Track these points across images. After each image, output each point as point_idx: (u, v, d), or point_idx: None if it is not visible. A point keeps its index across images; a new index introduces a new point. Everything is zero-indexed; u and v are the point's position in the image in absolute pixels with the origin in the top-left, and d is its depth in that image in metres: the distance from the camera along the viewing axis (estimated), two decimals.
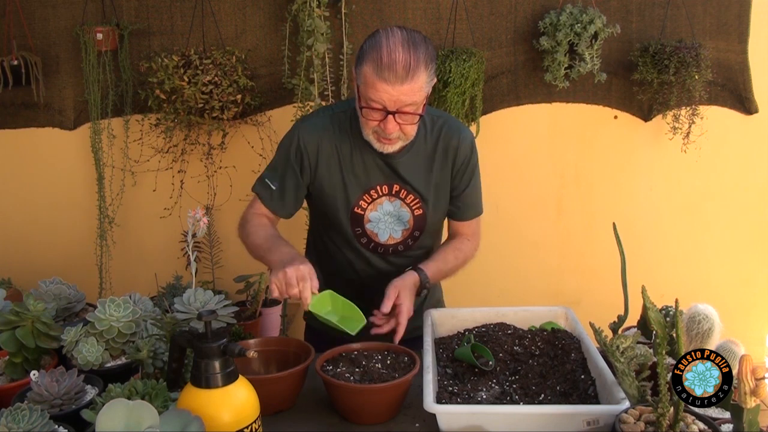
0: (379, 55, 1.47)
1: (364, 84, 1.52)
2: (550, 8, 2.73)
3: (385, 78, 1.47)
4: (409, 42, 1.49)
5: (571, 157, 2.97)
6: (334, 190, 1.70)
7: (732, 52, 2.83)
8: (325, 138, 1.68)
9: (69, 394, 1.35)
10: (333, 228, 1.77)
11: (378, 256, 1.78)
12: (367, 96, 1.52)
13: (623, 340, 1.36)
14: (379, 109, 1.52)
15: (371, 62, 1.49)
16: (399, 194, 1.72)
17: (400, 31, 1.52)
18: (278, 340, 1.62)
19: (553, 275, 3.06)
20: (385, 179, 1.70)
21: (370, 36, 1.55)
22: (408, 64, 1.47)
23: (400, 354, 1.49)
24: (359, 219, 1.73)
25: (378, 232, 1.75)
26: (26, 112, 2.92)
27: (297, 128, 1.71)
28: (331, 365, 1.45)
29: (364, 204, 1.72)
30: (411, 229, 1.76)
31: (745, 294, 3.01)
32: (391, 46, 1.47)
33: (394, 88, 1.48)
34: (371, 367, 1.43)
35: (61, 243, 3.03)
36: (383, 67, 1.47)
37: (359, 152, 1.68)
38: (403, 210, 1.74)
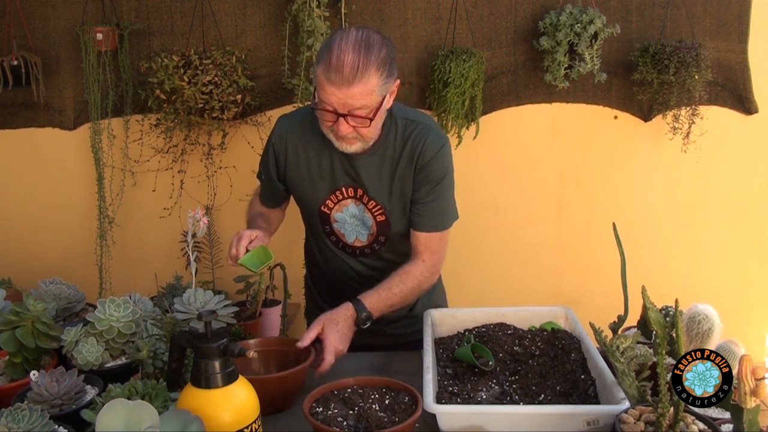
0: (329, 57, 1.45)
1: (317, 85, 1.50)
2: (550, 8, 2.73)
3: (332, 80, 1.45)
4: (361, 43, 1.45)
5: (571, 157, 2.97)
6: (303, 186, 1.73)
7: (732, 52, 2.83)
8: (297, 133, 1.70)
9: (69, 394, 1.35)
10: (307, 222, 1.84)
11: (348, 256, 1.80)
12: (319, 97, 1.51)
13: (623, 340, 1.36)
14: (330, 111, 1.50)
15: (322, 63, 1.46)
16: (362, 199, 1.70)
17: (356, 31, 1.48)
18: (278, 340, 1.62)
19: (553, 275, 3.06)
20: (351, 181, 1.69)
21: (329, 36, 1.54)
22: (356, 66, 1.43)
23: (400, 392, 1.32)
24: (326, 218, 1.75)
25: (345, 233, 1.76)
26: (26, 112, 2.92)
27: (277, 124, 1.76)
28: (321, 406, 1.27)
29: (330, 203, 1.72)
30: (375, 235, 1.74)
31: (745, 294, 3.01)
32: (342, 48, 1.44)
33: (341, 90, 1.45)
34: (367, 409, 1.26)
35: (61, 243, 3.03)
36: (331, 69, 1.44)
37: (328, 151, 1.66)
38: (366, 215, 1.72)
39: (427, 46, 2.81)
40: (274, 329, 2.42)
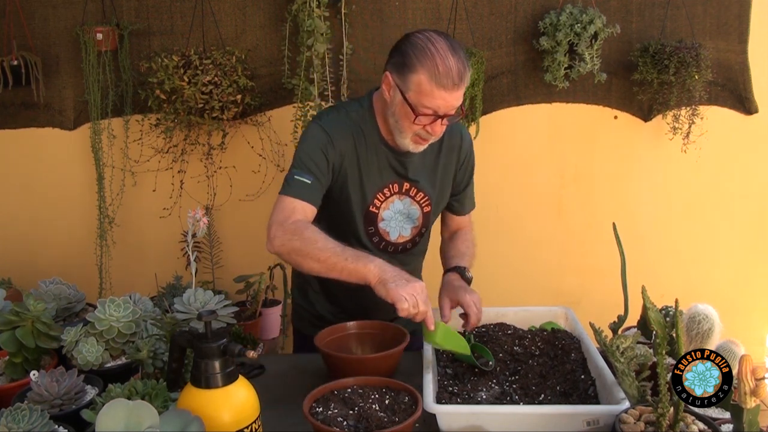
0: (434, 63, 1.51)
1: (418, 92, 1.53)
2: (550, 8, 2.72)
3: (443, 85, 1.51)
4: (454, 46, 1.54)
5: (571, 157, 2.97)
6: (352, 188, 1.71)
7: (732, 52, 2.83)
8: (348, 136, 1.69)
9: (69, 394, 1.35)
10: (344, 225, 1.76)
11: (387, 255, 1.79)
12: (421, 103, 1.54)
13: (623, 340, 1.36)
14: (430, 115, 1.55)
15: (426, 70, 1.51)
16: (409, 192, 1.75)
17: (440, 36, 1.55)
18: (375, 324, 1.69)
19: (553, 275, 3.05)
20: (397, 177, 1.73)
21: (406, 42, 1.56)
22: (460, 69, 1.52)
23: (400, 392, 1.32)
24: (373, 218, 1.74)
25: (389, 231, 1.77)
26: (26, 112, 2.91)
27: (320, 124, 1.68)
28: (321, 406, 1.27)
29: (378, 202, 1.73)
30: (420, 227, 1.80)
31: (745, 294, 3.01)
32: (443, 54, 1.51)
33: (450, 94, 1.53)
34: (367, 409, 1.26)
35: (61, 243, 3.03)
36: (441, 75, 1.50)
37: (374, 151, 1.70)
38: (413, 208, 1.77)
39: None
40: (274, 329, 2.43)
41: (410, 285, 1.42)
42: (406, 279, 1.44)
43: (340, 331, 1.66)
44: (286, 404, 1.46)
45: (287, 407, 1.44)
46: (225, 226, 2.99)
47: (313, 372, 1.61)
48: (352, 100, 1.79)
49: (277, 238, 1.55)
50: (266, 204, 2.93)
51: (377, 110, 1.70)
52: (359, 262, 1.47)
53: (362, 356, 1.59)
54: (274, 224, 1.58)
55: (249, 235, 2.99)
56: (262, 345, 2.20)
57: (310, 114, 2.66)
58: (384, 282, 1.43)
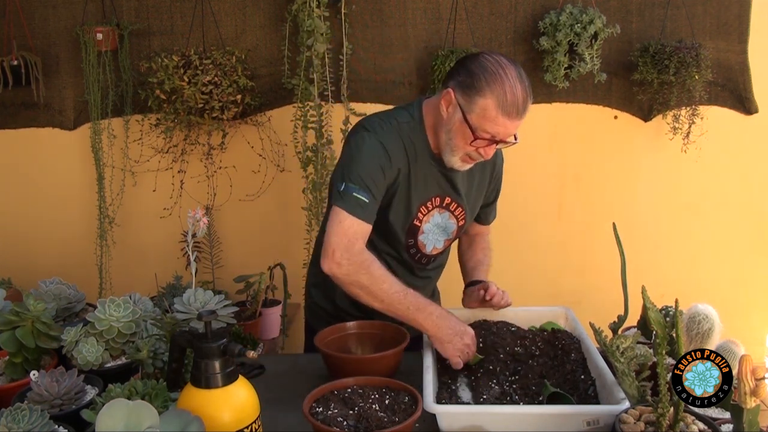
0: (503, 91, 1.51)
1: (482, 116, 1.53)
2: (550, 8, 2.72)
3: (509, 114, 1.52)
4: (522, 76, 1.54)
5: (572, 157, 2.97)
6: (400, 201, 1.69)
7: (732, 52, 2.83)
8: (403, 149, 1.65)
9: (69, 394, 1.35)
10: (384, 237, 1.73)
11: (419, 265, 1.82)
12: (483, 128, 1.54)
13: (623, 340, 1.36)
14: (488, 139, 1.56)
15: (495, 97, 1.51)
16: (449, 206, 1.75)
17: (507, 61, 1.55)
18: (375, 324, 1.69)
19: (553, 275, 3.05)
20: (439, 191, 1.72)
21: (477, 65, 1.55)
22: (525, 100, 1.54)
23: (400, 392, 1.32)
24: (415, 231, 1.74)
25: (426, 243, 1.78)
26: (26, 112, 2.92)
27: (376, 137, 1.62)
28: (321, 406, 1.27)
29: (421, 216, 1.73)
30: (452, 239, 1.82)
31: (745, 294, 3.01)
32: (512, 82, 1.52)
33: (513, 123, 1.55)
34: (367, 409, 1.26)
35: (61, 243, 3.03)
36: (508, 104, 1.51)
37: (421, 165, 1.68)
38: (450, 221, 1.78)
39: (427, 46, 2.81)
40: (274, 329, 2.42)
41: (462, 342, 1.50)
42: (459, 335, 1.51)
43: (340, 331, 1.66)
44: (286, 404, 1.46)
45: (287, 407, 1.44)
46: (225, 226, 2.99)
47: (313, 372, 1.61)
48: (400, 108, 1.73)
49: (344, 267, 1.54)
50: (266, 204, 2.93)
51: (428, 123, 1.67)
52: (419, 314, 1.53)
53: (362, 356, 1.59)
54: (339, 248, 1.55)
55: (249, 235, 2.99)
56: (262, 345, 2.21)
57: (309, 114, 2.66)
58: (440, 341, 1.51)
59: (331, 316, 1.88)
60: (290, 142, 2.76)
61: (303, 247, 2.73)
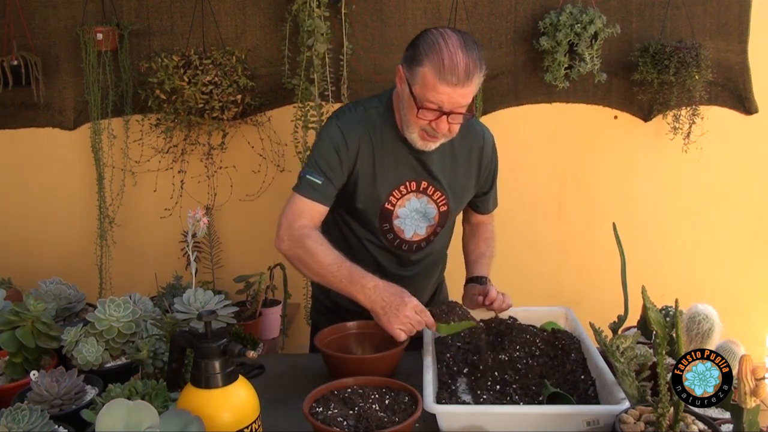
0: (441, 58, 1.50)
1: (423, 85, 1.54)
2: (550, 8, 2.72)
3: (447, 80, 1.50)
4: (465, 44, 1.52)
5: (571, 157, 2.97)
6: (367, 185, 1.71)
7: (732, 52, 2.83)
8: (363, 133, 1.69)
9: (69, 394, 1.35)
10: (359, 222, 1.77)
11: (401, 252, 1.81)
12: (425, 97, 1.54)
13: (623, 340, 1.36)
14: (434, 110, 1.55)
15: (431, 64, 1.51)
16: (426, 191, 1.75)
17: (454, 32, 1.55)
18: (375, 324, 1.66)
19: (553, 275, 3.05)
20: (415, 175, 1.73)
21: (421, 37, 1.56)
22: (468, 67, 1.50)
23: (400, 392, 1.32)
24: (388, 215, 1.74)
25: (404, 229, 1.77)
26: (26, 112, 2.92)
27: (337, 123, 1.70)
28: (321, 406, 1.27)
29: (393, 200, 1.73)
30: (435, 225, 1.80)
31: (745, 294, 3.01)
32: (451, 49, 1.50)
33: (455, 90, 1.51)
34: (367, 409, 1.26)
35: (62, 243, 3.03)
36: (446, 71, 1.50)
37: (391, 148, 1.70)
38: (429, 206, 1.77)
39: None
40: (274, 329, 2.42)
41: (401, 313, 1.49)
42: (396, 307, 1.50)
43: (340, 331, 1.66)
44: (286, 404, 1.46)
45: (287, 407, 1.44)
46: (225, 226, 2.99)
47: (313, 372, 1.61)
48: (374, 96, 1.78)
49: (285, 242, 1.64)
50: (266, 204, 2.93)
51: (396, 107, 1.70)
52: (351, 287, 1.55)
53: (362, 356, 1.59)
54: (284, 224, 1.66)
55: (249, 235, 2.99)
56: (262, 345, 2.20)
57: (310, 114, 2.67)
58: (376, 315, 1.53)
59: (329, 310, 1.90)
60: (290, 142, 2.76)
61: None
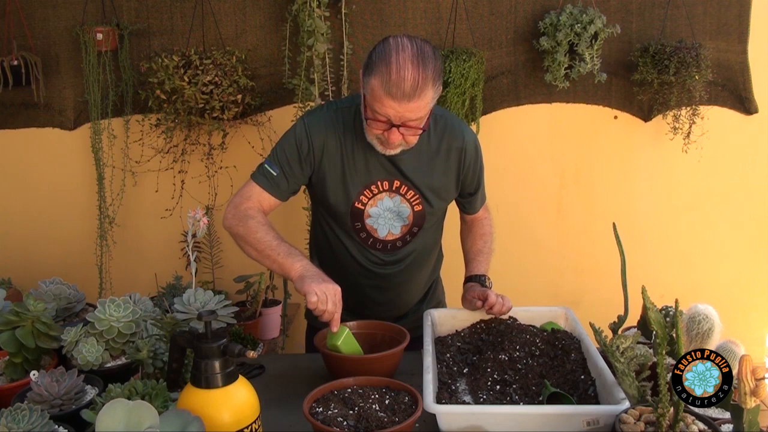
0: (388, 71, 1.45)
1: (371, 96, 1.51)
2: (550, 8, 2.73)
3: (392, 95, 1.46)
4: (418, 58, 1.46)
5: (571, 157, 2.97)
6: (335, 184, 1.70)
7: (732, 52, 2.83)
8: (330, 132, 1.68)
9: (69, 394, 1.35)
10: (334, 220, 1.77)
11: (377, 251, 1.79)
12: (373, 108, 1.52)
13: (623, 341, 1.36)
14: (383, 121, 1.53)
15: (379, 76, 1.47)
16: (399, 190, 1.73)
17: (410, 44, 1.48)
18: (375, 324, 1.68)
19: (553, 275, 3.06)
20: (387, 175, 1.71)
21: (379, 44, 1.52)
22: (416, 82, 1.45)
23: (400, 392, 1.32)
24: (359, 214, 1.73)
25: (377, 228, 1.76)
26: (26, 112, 2.92)
27: (303, 121, 1.70)
28: (321, 406, 1.26)
29: (364, 199, 1.72)
30: (410, 225, 1.77)
31: (745, 294, 3.01)
32: (401, 63, 1.45)
33: (400, 105, 1.47)
34: (367, 409, 1.25)
35: (62, 243, 3.03)
36: (391, 84, 1.45)
37: (362, 148, 1.68)
38: (403, 206, 1.75)
39: None
40: (274, 329, 2.42)
41: (324, 284, 1.48)
42: (323, 279, 1.51)
43: None
44: (286, 404, 1.46)
45: (287, 407, 1.44)
46: None
47: (313, 372, 1.61)
48: (349, 96, 1.78)
49: (227, 219, 1.68)
50: None
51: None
52: (287, 259, 1.56)
53: (362, 356, 1.59)
54: (231, 203, 1.69)
55: None
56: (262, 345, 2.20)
57: None
58: (302, 278, 1.51)
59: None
60: None
61: (304, 247, 2.71)
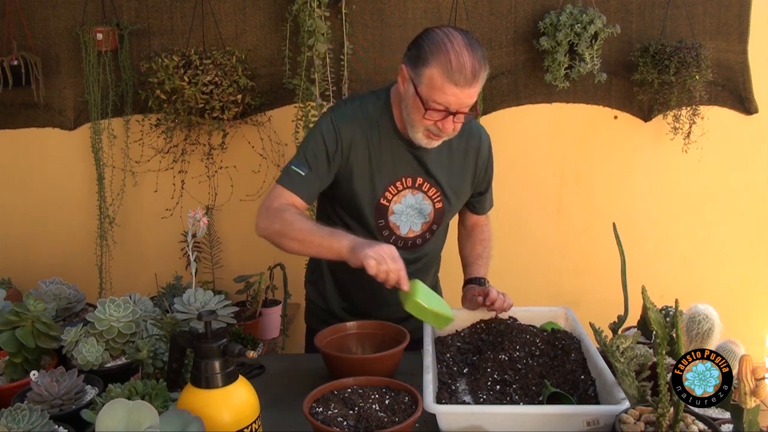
0: (448, 58, 1.49)
1: (429, 86, 1.52)
2: (550, 8, 2.73)
3: (455, 81, 1.49)
4: (470, 43, 1.51)
5: (571, 157, 2.97)
6: (362, 180, 1.70)
7: (732, 52, 2.83)
8: (358, 128, 1.68)
9: (69, 394, 1.35)
10: (354, 218, 1.76)
11: (398, 249, 1.78)
12: (432, 98, 1.53)
13: (623, 341, 1.36)
14: (441, 110, 1.54)
15: (438, 65, 1.50)
16: (422, 187, 1.74)
17: (457, 31, 1.53)
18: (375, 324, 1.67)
19: (554, 275, 3.06)
20: (411, 171, 1.72)
21: (424, 36, 1.55)
22: (475, 66, 1.50)
23: (400, 392, 1.32)
24: (384, 211, 1.73)
25: (400, 225, 1.76)
26: (26, 112, 2.92)
27: (330, 116, 1.69)
28: (321, 406, 1.26)
29: (389, 195, 1.72)
30: (431, 222, 1.79)
31: (745, 294, 3.01)
32: (458, 49, 1.49)
33: (462, 91, 1.51)
34: (367, 409, 1.25)
35: (61, 243, 3.03)
36: (453, 71, 1.49)
37: (388, 144, 1.69)
38: (425, 203, 1.76)
39: None
40: (274, 329, 2.42)
41: (376, 246, 1.46)
42: (376, 244, 1.48)
43: (340, 331, 1.66)
44: (286, 404, 1.46)
45: (287, 407, 1.44)
46: (225, 226, 2.99)
47: (313, 372, 1.61)
48: (372, 92, 1.77)
49: (262, 221, 1.64)
50: None
51: (394, 103, 1.69)
52: (333, 238, 1.53)
53: (362, 356, 1.59)
54: (260, 209, 1.66)
55: (249, 235, 2.95)
56: (262, 345, 2.20)
57: (311, 114, 2.66)
58: (353, 249, 1.48)
59: (325, 312, 1.90)
60: (291, 142, 2.76)
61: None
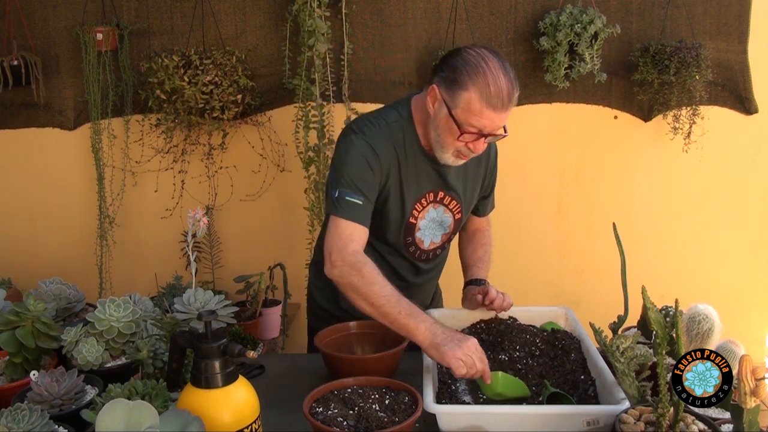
0: (486, 83, 1.48)
1: (467, 110, 1.51)
2: (550, 8, 2.72)
3: (493, 106, 1.49)
4: (505, 67, 1.51)
5: (571, 157, 2.97)
6: (395, 202, 1.68)
7: (732, 52, 2.83)
8: (392, 149, 1.65)
9: (69, 394, 1.35)
10: (378, 238, 1.73)
11: (419, 262, 1.80)
12: (468, 121, 1.52)
13: (623, 341, 1.36)
14: (475, 133, 1.54)
15: (477, 89, 1.48)
16: (443, 200, 1.74)
17: (489, 52, 1.52)
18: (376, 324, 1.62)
19: (554, 275, 3.05)
20: (433, 186, 1.71)
21: (457, 57, 1.53)
22: (510, 90, 1.50)
23: (400, 392, 1.32)
24: (411, 228, 1.73)
25: (424, 239, 1.77)
26: (26, 112, 2.92)
27: (364, 138, 1.62)
28: (321, 406, 1.26)
29: (416, 213, 1.72)
30: (450, 233, 1.80)
31: (745, 294, 3.01)
32: (495, 73, 1.49)
33: (498, 115, 1.51)
34: (367, 409, 1.25)
35: (61, 243, 3.03)
36: (491, 96, 1.48)
37: (414, 161, 1.67)
38: (446, 215, 1.76)
39: (427, 46, 2.81)
40: (274, 329, 2.43)
41: (464, 345, 1.38)
42: (458, 340, 1.39)
43: (340, 331, 1.66)
44: (286, 404, 1.46)
45: (287, 407, 1.44)
46: (225, 226, 2.99)
47: (313, 372, 1.61)
48: (389, 107, 1.72)
49: (337, 268, 1.54)
50: (266, 204, 2.93)
51: (417, 119, 1.66)
52: (411, 320, 1.44)
53: (362, 356, 1.59)
54: (334, 250, 1.55)
55: (249, 235, 2.99)
56: (262, 345, 2.21)
57: (311, 114, 2.66)
58: (436, 346, 1.39)
59: (334, 317, 1.87)
60: (291, 142, 2.76)
61: (305, 247, 2.73)
